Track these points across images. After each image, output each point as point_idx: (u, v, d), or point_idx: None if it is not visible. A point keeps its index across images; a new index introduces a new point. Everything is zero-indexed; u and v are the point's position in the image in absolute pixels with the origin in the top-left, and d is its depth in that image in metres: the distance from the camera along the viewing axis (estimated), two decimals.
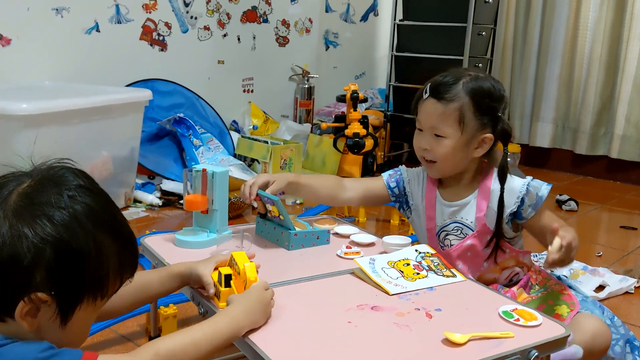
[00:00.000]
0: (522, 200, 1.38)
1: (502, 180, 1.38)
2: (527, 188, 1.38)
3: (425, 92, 1.41)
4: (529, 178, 1.41)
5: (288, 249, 1.38)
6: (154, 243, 1.39)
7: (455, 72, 1.40)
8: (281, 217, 1.39)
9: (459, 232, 1.42)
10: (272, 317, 1.05)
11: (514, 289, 1.38)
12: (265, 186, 1.43)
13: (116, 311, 1.10)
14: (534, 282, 1.41)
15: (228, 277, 1.09)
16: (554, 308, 1.34)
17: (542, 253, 2.21)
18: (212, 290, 1.10)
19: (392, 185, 1.52)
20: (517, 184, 1.39)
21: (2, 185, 0.81)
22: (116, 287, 0.86)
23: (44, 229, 0.77)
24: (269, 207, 1.42)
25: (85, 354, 0.79)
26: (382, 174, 1.55)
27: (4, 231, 0.77)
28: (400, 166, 1.56)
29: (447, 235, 1.44)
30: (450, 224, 1.43)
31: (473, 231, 1.40)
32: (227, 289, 1.08)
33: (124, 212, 2.74)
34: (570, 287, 1.41)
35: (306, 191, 1.53)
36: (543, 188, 1.39)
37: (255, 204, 1.45)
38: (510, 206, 1.38)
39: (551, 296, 1.38)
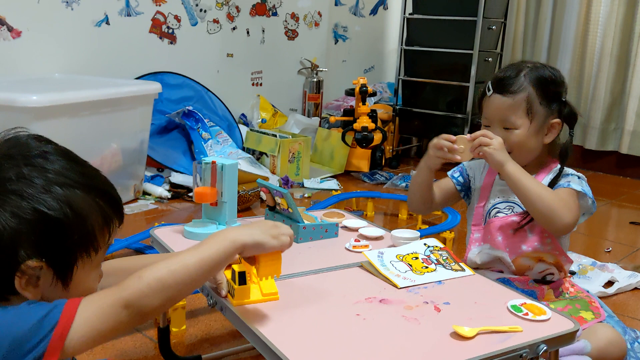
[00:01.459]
0: (568, 181, 1.41)
1: (563, 160, 1.43)
2: (579, 177, 1.43)
3: (489, 89, 1.44)
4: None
5: (297, 241, 1.38)
6: (164, 235, 1.40)
7: (514, 66, 1.46)
8: (290, 209, 1.39)
9: (510, 210, 1.45)
10: (281, 307, 1.05)
11: (545, 287, 1.39)
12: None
13: None
14: (565, 291, 1.43)
15: (242, 275, 1.06)
16: (580, 311, 1.35)
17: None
18: (223, 293, 1.08)
19: (457, 175, 1.57)
20: (574, 172, 1.45)
21: None
22: (106, 237, 0.86)
23: (15, 205, 0.77)
24: (278, 199, 1.42)
25: (70, 299, 0.79)
26: (447, 173, 1.58)
27: None
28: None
29: (498, 212, 1.46)
30: (502, 202, 1.46)
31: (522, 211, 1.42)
32: (242, 286, 1.05)
33: (133, 205, 2.76)
34: (601, 306, 1.43)
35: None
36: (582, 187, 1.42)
37: (264, 197, 1.46)
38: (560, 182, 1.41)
39: (579, 302, 1.40)
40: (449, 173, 1.58)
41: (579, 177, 1.43)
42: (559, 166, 1.45)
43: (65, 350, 0.76)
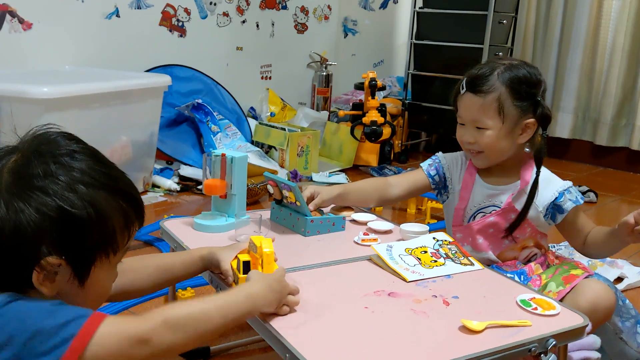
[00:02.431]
0: (562, 194, 1.41)
1: (538, 163, 1.41)
2: (569, 187, 1.42)
3: (462, 87, 1.43)
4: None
5: (304, 235, 1.38)
6: (173, 227, 1.40)
7: (489, 64, 1.43)
8: (297, 203, 1.39)
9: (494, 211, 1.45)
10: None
11: (532, 264, 1.41)
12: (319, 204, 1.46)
13: (139, 291, 1.11)
14: (551, 263, 1.44)
15: (247, 264, 1.08)
16: (569, 271, 1.36)
17: (560, 244, 2.21)
18: (230, 279, 1.10)
19: (432, 173, 1.55)
20: (557, 179, 1.44)
21: None
22: (126, 239, 0.87)
23: (39, 201, 0.78)
24: (286, 193, 1.43)
25: (95, 312, 0.79)
26: (421, 164, 1.57)
27: (1, 210, 0.78)
28: (437, 153, 1.59)
29: (483, 216, 1.46)
30: (488, 206, 1.46)
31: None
32: (246, 276, 1.07)
33: (142, 197, 2.76)
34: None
35: (355, 198, 1.56)
36: (579, 197, 1.44)
37: (271, 190, 1.46)
38: (547, 195, 1.40)
39: (567, 264, 1.41)
40: (423, 168, 1.56)
41: (567, 188, 1.42)
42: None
43: None
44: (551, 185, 1.43)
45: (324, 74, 4.06)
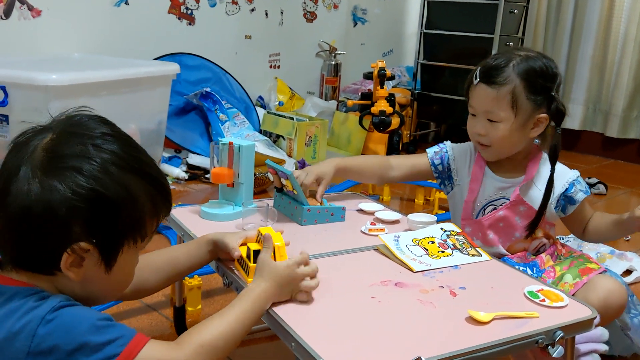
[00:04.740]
0: (572, 185, 1.40)
1: (553, 160, 1.38)
2: (577, 177, 1.42)
3: (476, 78, 1.39)
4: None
5: (301, 224, 1.37)
6: (181, 215, 1.40)
7: (504, 54, 1.39)
8: (295, 191, 1.38)
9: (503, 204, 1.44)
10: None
11: (542, 255, 1.40)
12: (316, 183, 1.45)
13: (152, 288, 1.11)
14: (559, 254, 1.44)
15: (257, 253, 1.07)
16: (585, 263, 1.36)
17: (568, 236, 2.19)
18: (237, 254, 1.10)
19: (437, 162, 1.52)
20: (565, 170, 1.43)
21: (25, 143, 0.81)
22: (154, 227, 0.87)
23: (74, 180, 0.78)
24: (284, 181, 1.42)
25: (138, 334, 0.81)
26: (427, 150, 1.55)
27: (34, 188, 0.77)
28: (445, 142, 1.56)
29: (494, 209, 1.45)
30: (499, 198, 1.44)
31: None
32: (256, 264, 1.06)
33: None
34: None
35: (353, 173, 1.56)
36: (587, 187, 1.44)
37: (271, 178, 1.45)
38: (557, 187, 1.39)
39: (580, 257, 1.41)
40: (429, 155, 1.53)
41: (576, 178, 1.42)
42: (543, 154, 1.43)
43: None
44: (560, 176, 1.41)
45: (333, 63, 4.04)
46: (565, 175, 1.42)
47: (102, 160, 0.80)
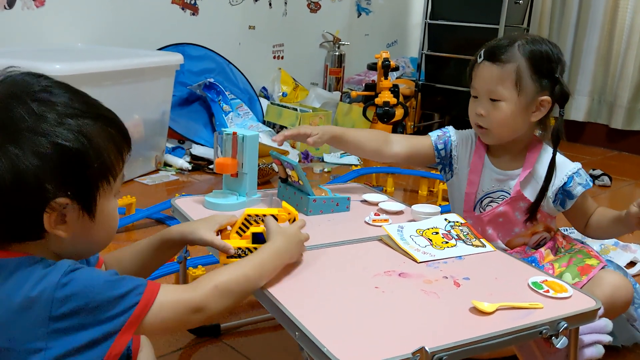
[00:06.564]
0: (571, 178, 1.39)
1: (555, 143, 1.37)
2: (578, 170, 1.40)
3: (480, 57, 1.39)
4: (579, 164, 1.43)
5: (306, 214, 1.37)
6: (184, 205, 1.41)
7: (510, 36, 1.40)
8: (300, 182, 1.38)
9: (503, 200, 1.43)
10: (300, 278, 1.06)
11: (542, 249, 1.39)
12: (305, 137, 1.43)
13: None
14: (560, 246, 1.42)
15: (261, 236, 1.09)
16: (584, 260, 1.35)
17: (572, 227, 2.18)
18: (232, 251, 1.07)
19: (440, 146, 1.51)
20: (567, 162, 1.41)
21: None
22: (121, 164, 0.87)
23: (32, 142, 0.77)
24: (289, 171, 1.42)
25: (149, 282, 0.84)
26: (430, 134, 1.53)
27: None
28: (448, 127, 1.54)
29: (491, 201, 1.44)
30: (497, 191, 1.43)
31: None
32: (260, 245, 1.07)
33: (154, 176, 2.78)
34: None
35: (351, 145, 1.51)
36: (589, 180, 1.42)
37: (276, 168, 1.45)
38: (556, 180, 1.38)
39: (580, 253, 1.40)
40: (432, 139, 1.51)
41: (576, 171, 1.40)
42: (544, 146, 1.42)
43: (137, 330, 0.81)
44: (560, 169, 1.40)
45: (337, 54, 4.03)
46: (565, 168, 1.40)
47: (55, 114, 0.79)
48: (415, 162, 1.59)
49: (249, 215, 1.13)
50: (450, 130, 1.53)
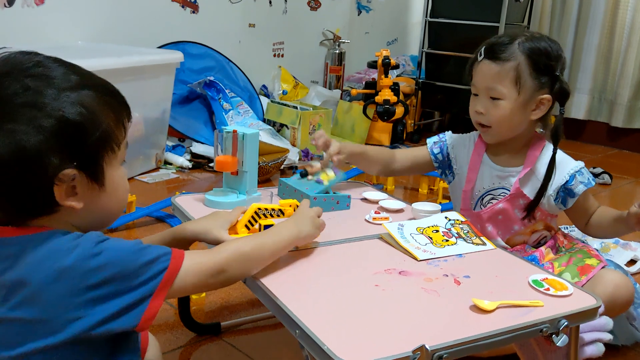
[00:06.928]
0: (573, 176, 1.38)
1: (555, 141, 1.37)
2: (580, 168, 1.40)
3: (480, 54, 1.39)
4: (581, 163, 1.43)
5: None
6: (185, 203, 1.41)
7: (510, 33, 1.40)
8: (325, 183, 1.42)
9: (502, 196, 1.43)
10: (300, 276, 1.06)
11: (542, 248, 1.39)
12: (326, 147, 1.49)
13: None
14: (560, 245, 1.42)
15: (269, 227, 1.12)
16: (584, 260, 1.35)
17: (573, 225, 2.19)
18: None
19: (436, 151, 1.53)
20: (569, 160, 1.41)
21: None
22: (122, 132, 0.89)
23: (29, 116, 0.78)
24: (321, 172, 1.45)
25: (173, 249, 0.88)
26: (427, 141, 1.56)
27: None
28: (446, 132, 1.57)
29: (492, 199, 1.44)
30: (498, 188, 1.43)
31: None
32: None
33: (155, 174, 2.78)
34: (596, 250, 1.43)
35: (362, 161, 1.58)
36: (591, 179, 1.42)
37: (313, 164, 1.48)
38: (557, 178, 1.38)
39: (579, 252, 1.39)
40: (428, 146, 1.55)
41: (579, 169, 1.40)
42: (546, 143, 1.42)
43: (168, 294, 0.85)
44: (562, 167, 1.39)
45: (337, 52, 4.03)
46: (567, 166, 1.40)
47: (51, 87, 0.80)
48: (418, 172, 1.63)
49: (259, 209, 1.14)
50: (446, 134, 1.56)
